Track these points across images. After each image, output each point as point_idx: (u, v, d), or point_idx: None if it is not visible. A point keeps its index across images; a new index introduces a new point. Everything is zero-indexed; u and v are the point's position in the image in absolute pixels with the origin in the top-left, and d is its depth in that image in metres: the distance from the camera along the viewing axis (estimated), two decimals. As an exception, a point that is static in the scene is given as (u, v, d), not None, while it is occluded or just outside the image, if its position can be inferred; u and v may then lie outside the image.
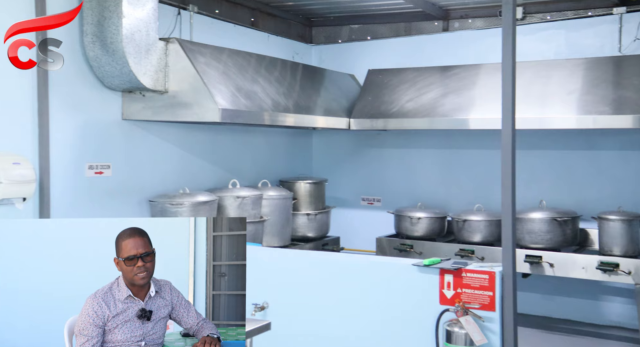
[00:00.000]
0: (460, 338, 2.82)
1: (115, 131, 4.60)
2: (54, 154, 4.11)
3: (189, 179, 5.13)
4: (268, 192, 5.37)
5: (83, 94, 4.35)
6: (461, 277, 2.97)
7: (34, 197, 3.95)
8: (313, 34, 6.83)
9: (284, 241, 5.47)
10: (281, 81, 5.41)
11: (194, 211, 4.59)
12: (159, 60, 4.42)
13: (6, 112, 3.85)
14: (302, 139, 6.76)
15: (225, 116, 4.43)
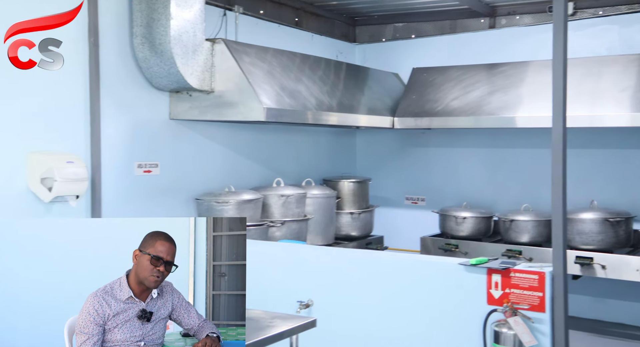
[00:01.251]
0: (509, 339, 2.77)
1: (163, 131, 4.70)
2: (105, 153, 4.22)
3: (234, 177, 5.19)
4: (312, 190, 5.39)
5: (132, 94, 4.46)
6: (509, 277, 2.91)
7: (86, 194, 4.07)
8: (357, 33, 6.82)
9: (328, 239, 5.48)
10: (325, 80, 5.43)
11: (239, 209, 4.65)
12: (206, 60, 4.49)
13: (60, 113, 3.98)
14: (346, 138, 6.76)
15: (270, 115, 4.47)
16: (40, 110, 3.86)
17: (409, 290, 3.23)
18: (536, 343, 2.78)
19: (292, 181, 5.59)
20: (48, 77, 3.88)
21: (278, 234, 4.95)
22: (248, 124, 5.22)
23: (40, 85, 3.85)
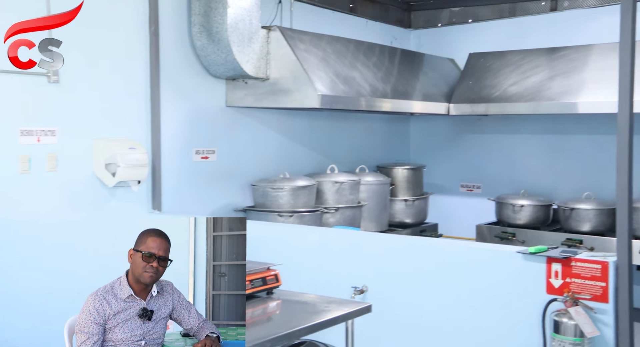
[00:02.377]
0: (570, 329, 2.71)
1: (220, 118, 4.79)
2: (164, 140, 4.35)
3: (289, 163, 5.24)
4: (366, 177, 5.39)
5: (190, 82, 4.56)
6: (570, 266, 2.84)
7: (147, 180, 4.21)
8: (412, 19, 6.72)
9: (382, 226, 5.48)
10: (379, 67, 5.39)
11: (294, 195, 4.70)
12: (261, 48, 4.54)
13: (123, 101, 4.12)
14: (400, 125, 6.71)
15: (325, 102, 4.48)
16: (104, 98, 4.00)
17: (465, 278, 3.20)
18: (598, 334, 2.71)
19: (346, 168, 5.60)
20: (112, 66, 4.03)
21: (332, 220, 4.98)
22: (302, 111, 5.25)
23: (104, 74, 3.98)
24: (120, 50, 4.08)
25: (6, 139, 3.50)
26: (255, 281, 2.59)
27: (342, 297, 2.76)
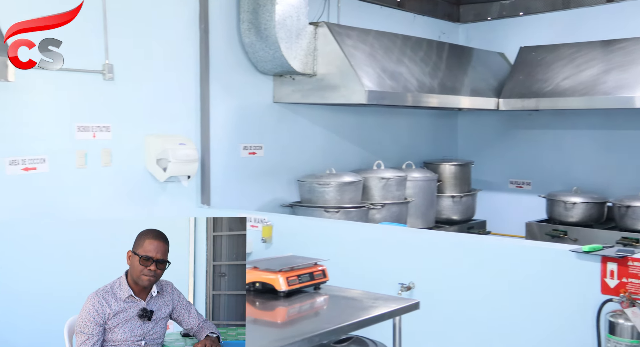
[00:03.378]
0: (626, 331, 2.62)
1: (267, 114, 4.83)
2: (213, 136, 4.42)
3: (335, 159, 5.25)
4: (412, 173, 5.35)
5: (239, 78, 4.61)
6: (627, 266, 2.75)
7: (196, 175, 4.29)
8: (461, 13, 6.61)
9: (428, 222, 5.43)
10: (426, 62, 5.33)
11: (340, 191, 4.71)
12: (309, 44, 4.55)
13: (174, 98, 4.21)
14: (447, 120, 6.62)
15: (372, 98, 4.47)
16: (156, 95, 4.09)
17: (514, 276, 3.14)
18: (656, 337, 2.62)
19: (392, 164, 5.57)
20: (163, 63, 4.12)
21: (378, 216, 4.96)
22: (349, 107, 5.25)
23: (156, 71, 4.08)
24: (171, 48, 4.17)
25: (64, 134, 3.63)
26: (303, 276, 2.62)
27: (388, 294, 2.75)
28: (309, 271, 2.65)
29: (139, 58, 3.98)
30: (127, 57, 3.87)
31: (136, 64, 3.95)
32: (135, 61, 3.94)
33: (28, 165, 3.46)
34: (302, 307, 2.52)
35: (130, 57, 3.91)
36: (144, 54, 4.00)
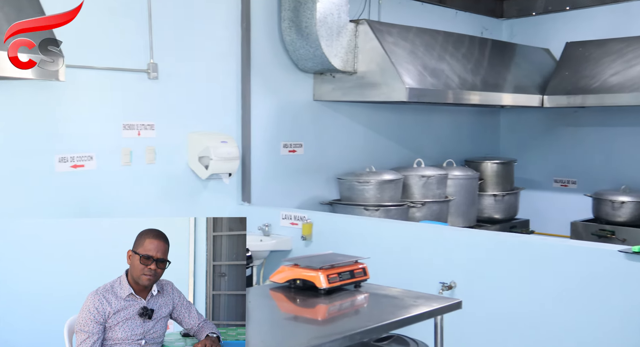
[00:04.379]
0: (677, 335, 2.54)
1: (307, 112, 4.85)
2: (254, 133, 4.46)
3: (375, 157, 5.24)
4: (453, 171, 5.29)
5: (279, 77, 4.64)
6: (678, 268, 2.66)
7: (237, 172, 4.34)
8: (504, 8, 6.49)
9: (469, 221, 5.36)
10: (468, 58, 5.26)
11: (380, 189, 4.69)
12: (349, 41, 4.55)
13: (216, 96, 4.26)
14: (489, 118, 6.52)
15: (412, 95, 4.44)
16: (199, 94, 4.15)
17: (560, 276, 3.07)
18: None
19: (433, 162, 5.52)
20: (205, 62, 4.18)
21: (418, 214, 4.93)
22: (389, 104, 5.22)
23: (199, 70, 4.14)
24: (213, 47, 4.22)
25: (110, 132, 3.72)
26: (344, 274, 2.62)
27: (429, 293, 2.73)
28: (349, 268, 2.65)
29: (183, 57, 4.04)
30: (170, 56, 3.95)
31: (179, 63, 4.02)
32: (178, 60, 4.01)
33: (76, 162, 3.56)
34: (343, 305, 2.52)
35: (174, 56, 3.98)
36: (187, 53, 4.07)
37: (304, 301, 2.52)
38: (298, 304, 2.52)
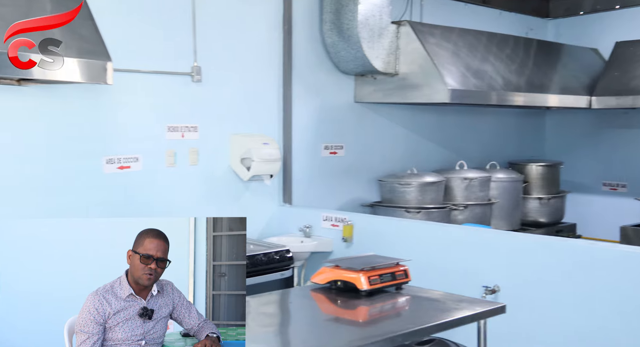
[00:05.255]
0: None
1: (348, 113, 4.85)
2: (295, 135, 4.49)
3: (416, 159, 5.19)
4: (497, 174, 5.21)
5: (320, 79, 4.66)
6: None
7: (278, 174, 4.37)
8: (550, 8, 6.35)
9: (513, 224, 5.26)
10: (513, 59, 5.17)
11: (421, 191, 4.65)
12: (391, 43, 4.53)
13: (257, 98, 4.31)
14: (534, 119, 6.38)
15: (455, 97, 4.39)
16: (241, 96, 4.21)
17: (609, 282, 2.98)
18: None
19: (476, 164, 5.44)
20: (248, 65, 4.23)
21: (460, 217, 4.86)
22: (431, 106, 5.18)
23: (241, 73, 4.19)
24: (255, 50, 4.27)
25: (156, 134, 3.81)
26: (385, 276, 2.61)
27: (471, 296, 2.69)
28: (390, 270, 2.64)
29: (225, 60, 4.10)
30: (214, 59, 4.01)
31: (222, 66, 4.08)
32: (221, 63, 4.07)
33: (123, 163, 3.65)
34: (384, 307, 2.51)
35: (217, 59, 4.04)
36: (230, 56, 4.13)
37: (344, 302, 2.52)
38: (339, 305, 2.52)
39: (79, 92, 3.44)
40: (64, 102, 3.42)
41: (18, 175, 3.28)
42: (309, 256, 4.11)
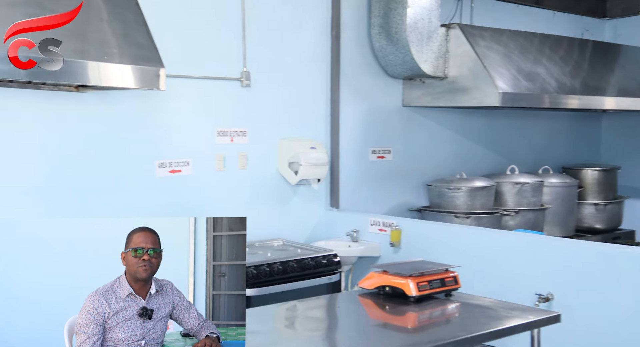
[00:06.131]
0: None
1: (396, 117, 4.82)
2: (343, 139, 4.48)
3: (466, 164, 5.11)
4: (550, 179, 5.07)
5: (368, 83, 4.64)
6: None
7: (326, 178, 4.37)
8: (607, 7, 6.15)
9: (568, 231, 5.11)
10: (567, 61, 5.02)
11: (471, 196, 4.57)
12: (440, 46, 4.47)
13: (305, 103, 4.33)
14: (590, 123, 6.19)
15: (506, 100, 4.30)
16: (289, 100, 4.23)
17: (671, 293, 2.85)
18: None
19: (527, 169, 5.31)
20: (296, 69, 4.25)
21: (512, 223, 4.75)
22: (481, 110, 5.09)
23: (289, 77, 4.22)
24: (303, 55, 4.29)
25: (206, 139, 3.87)
26: (434, 282, 2.57)
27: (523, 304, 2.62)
28: (440, 276, 2.60)
29: (274, 65, 4.14)
30: (262, 64, 4.05)
31: (271, 71, 4.12)
32: (270, 68, 4.11)
33: (174, 167, 3.73)
34: (433, 314, 2.47)
35: (266, 64, 4.08)
36: (279, 60, 4.16)
37: (393, 308, 2.50)
38: (387, 311, 2.50)
39: (133, 98, 3.54)
40: (119, 108, 3.52)
41: (75, 177, 3.39)
42: (356, 261, 4.10)
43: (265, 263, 3.47)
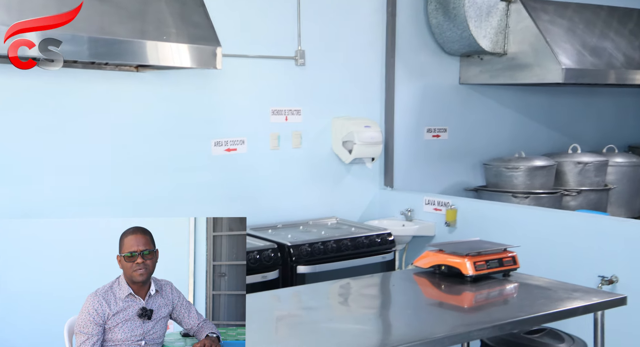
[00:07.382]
0: None
1: (452, 95, 4.71)
2: (397, 118, 4.43)
3: (524, 143, 4.97)
4: (614, 158, 4.87)
5: (424, 60, 4.55)
6: None
7: (380, 157, 4.34)
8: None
9: (633, 212, 4.91)
10: (637, 34, 4.77)
11: (530, 175, 4.45)
12: (499, 21, 4.33)
13: (360, 81, 4.29)
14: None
15: (569, 76, 4.13)
16: (343, 79, 4.20)
17: None
18: None
19: (590, 148, 5.11)
20: (351, 48, 4.21)
21: (573, 203, 4.60)
22: (542, 87, 4.92)
23: (344, 56, 4.18)
24: (358, 33, 4.24)
25: (260, 118, 3.90)
26: (491, 262, 2.53)
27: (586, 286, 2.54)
28: (497, 256, 2.55)
29: (329, 43, 4.11)
30: (317, 43, 4.03)
31: (326, 50, 4.09)
32: (324, 47, 4.09)
33: (230, 146, 3.78)
34: (490, 294, 2.43)
35: (321, 43, 4.06)
36: (333, 39, 4.13)
37: (449, 287, 2.47)
38: (443, 290, 2.48)
39: (190, 77, 3.59)
40: (177, 87, 3.58)
41: (134, 154, 3.49)
42: (410, 240, 4.07)
43: (319, 241, 3.49)
